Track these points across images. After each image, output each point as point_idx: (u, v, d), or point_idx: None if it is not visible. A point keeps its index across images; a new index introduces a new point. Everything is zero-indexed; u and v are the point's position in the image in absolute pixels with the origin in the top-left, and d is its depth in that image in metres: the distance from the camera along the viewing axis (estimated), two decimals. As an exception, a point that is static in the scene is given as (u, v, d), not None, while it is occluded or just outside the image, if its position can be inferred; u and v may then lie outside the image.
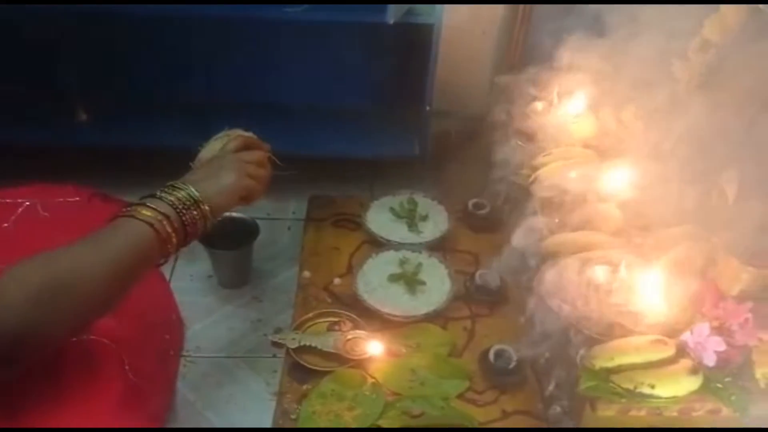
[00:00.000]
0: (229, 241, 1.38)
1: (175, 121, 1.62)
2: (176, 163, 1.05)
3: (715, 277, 1.08)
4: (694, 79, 1.41)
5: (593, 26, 1.57)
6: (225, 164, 1.02)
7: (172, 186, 0.93)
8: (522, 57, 1.67)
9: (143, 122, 1.65)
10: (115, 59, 1.66)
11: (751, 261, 1.04)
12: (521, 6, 1.62)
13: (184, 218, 0.90)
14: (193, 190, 0.93)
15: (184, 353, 1.30)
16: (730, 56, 1.35)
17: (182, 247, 0.93)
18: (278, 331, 1.32)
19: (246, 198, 1.04)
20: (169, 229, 0.88)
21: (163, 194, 0.91)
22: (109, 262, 0.81)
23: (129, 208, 0.88)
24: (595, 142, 1.41)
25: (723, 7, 1.37)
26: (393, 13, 1.38)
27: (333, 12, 1.41)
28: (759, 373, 0.98)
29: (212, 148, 1.11)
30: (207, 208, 0.94)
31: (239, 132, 1.11)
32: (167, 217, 0.88)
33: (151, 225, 0.86)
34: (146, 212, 0.87)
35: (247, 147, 1.09)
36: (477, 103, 1.80)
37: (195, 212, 0.92)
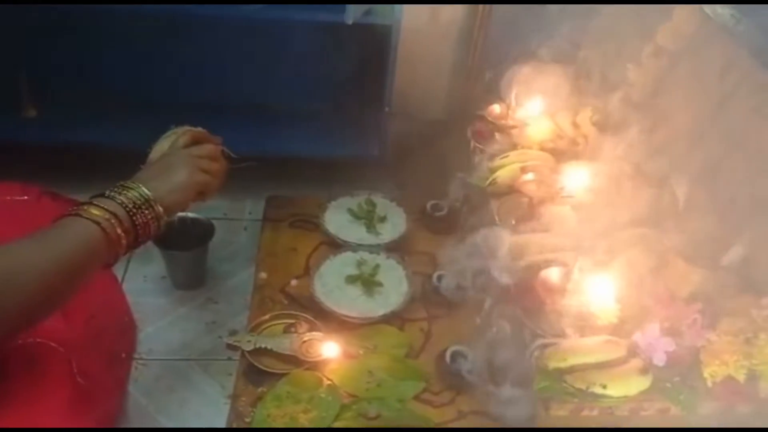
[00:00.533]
0: (184, 241, 1.35)
1: (127, 119, 1.59)
2: (128, 161, 1.02)
3: (665, 279, 1.10)
4: (647, 84, 1.44)
5: (552, 29, 1.60)
6: (176, 161, 0.99)
7: (123, 185, 0.91)
8: (481, 60, 1.68)
9: (95, 119, 1.61)
10: (66, 54, 1.62)
11: (700, 263, 1.07)
12: (480, 8, 1.63)
13: (135, 219, 0.88)
14: (144, 189, 0.91)
15: (136, 356, 1.28)
16: (682, 62, 1.39)
17: (134, 249, 0.91)
18: (233, 333, 1.30)
19: (202, 194, 1.02)
20: (119, 230, 0.86)
21: (113, 193, 0.89)
22: (54, 261, 0.79)
23: (77, 208, 0.86)
24: (552, 145, 1.43)
25: (675, 14, 1.40)
26: (351, 14, 1.37)
27: (291, 11, 1.40)
28: (706, 372, 1.00)
29: (161, 147, 1.08)
30: (160, 207, 0.92)
31: (187, 128, 1.09)
32: (116, 216, 0.86)
33: (99, 225, 0.84)
34: (95, 212, 0.85)
35: (197, 141, 1.06)
36: (436, 105, 1.81)
37: (147, 212, 0.90)
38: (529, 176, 1.28)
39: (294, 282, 1.35)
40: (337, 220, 1.45)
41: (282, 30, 1.58)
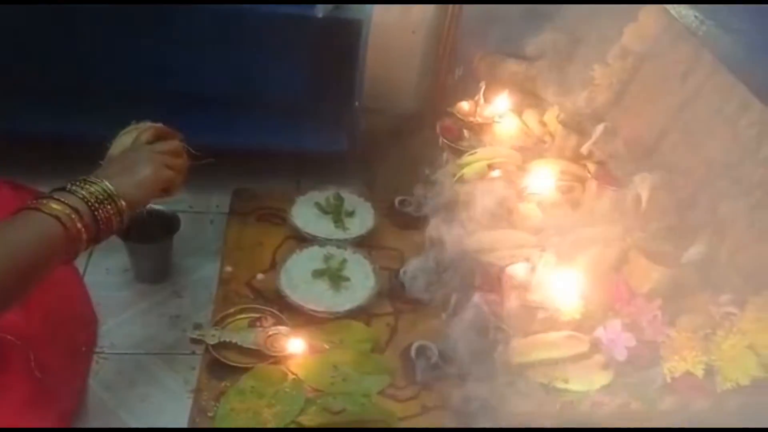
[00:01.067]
0: (149, 233, 1.33)
1: (89, 109, 1.54)
2: (90, 152, 1.00)
3: (627, 276, 1.12)
4: (613, 85, 1.47)
5: (521, 29, 1.61)
6: (140, 157, 0.97)
7: (85, 180, 0.89)
8: (451, 56, 1.69)
9: (55, 109, 1.57)
10: (25, 42, 1.58)
11: (660, 261, 1.09)
12: (451, 6, 1.63)
13: (96, 214, 0.86)
14: (107, 184, 0.89)
15: (98, 350, 1.26)
16: (647, 63, 1.41)
17: (95, 244, 0.89)
18: (197, 327, 1.29)
19: (166, 190, 1.01)
20: (79, 225, 0.84)
21: (74, 188, 0.86)
22: (10, 256, 0.77)
23: (36, 201, 0.83)
24: (519, 143, 1.44)
25: (641, 15, 1.43)
26: (322, 7, 1.37)
27: (262, 4, 1.39)
28: (666, 367, 1.02)
29: (122, 142, 1.06)
30: (123, 203, 0.90)
31: (148, 123, 1.07)
32: (77, 211, 0.84)
33: (59, 219, 0.82)
34: (55, 206, 0.83)
35: (159, 138, 1.04)
36: (406, 101, 1.82)
37: (109, 207, 0.88)
38: (496, 173, 1.29)
39: (260, 276, 1.33)
40: (304, 214, 1.44)
41: (253, 22, 1.56)
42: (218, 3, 1.38)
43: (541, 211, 1.25)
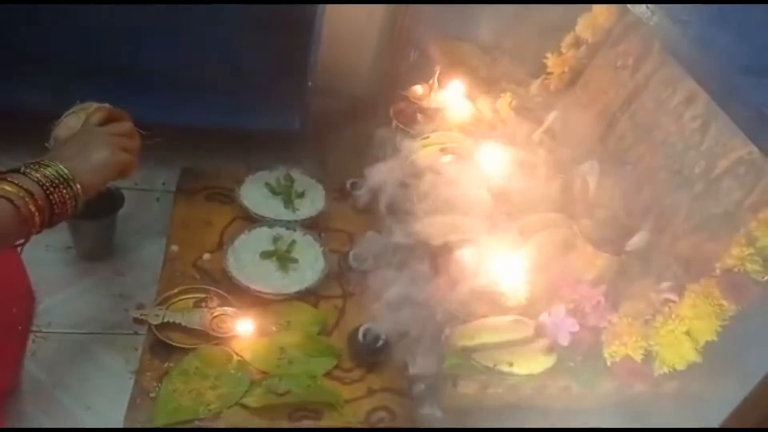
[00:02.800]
0: (92, 210, 1.28)
1: (32, 82, 1.48)
2: (31, 126, 0.97)
3: (573, 262, 1.14)
4: (565, 74, 1.49)
5: (477, 15, 1.62)
6: (94, 140, 0.95)
7: (39, 162, 0.87)
8: (406, 41, 1.68)
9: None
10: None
11: (605, 248, 1.11)
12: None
13: (51, 197, 0.85)
14: (62, 167, 0.87)
15: (35, 329, 1.22)
16: (599, 53, 1.43)
17: (48, 227, 0.87)
18: (141, 307, 1.25)
19: (122, 172, 0.98)
20: (32, 208, 0.82)
21: (28, 170, 0.84)
22: None
23: None
24: (471, 128, 1.44)
25: (595, 7, 1.44)
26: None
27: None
28: (606, 352, 1.04)
29: (69, 124, 1.04)
30: (78, 187, 0.88)
31: (95, 105, 1.04)
32: (31, 194, 0.82)
33: (12, 201, 0.80)
34: (7, 188, 0.81)
35: (110, 119, 1.02)
36: (360, 84, 1.80)
37: (65, 191, 0.86)
38: (448, 158, 1.29)
39: (206, 256, 1.31)
40: (253, 194, 1.41)
41: (205, -1, 1.52)
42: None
43: (491, 197, 1.26)
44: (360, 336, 1.18)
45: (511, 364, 0.99)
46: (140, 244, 1.43)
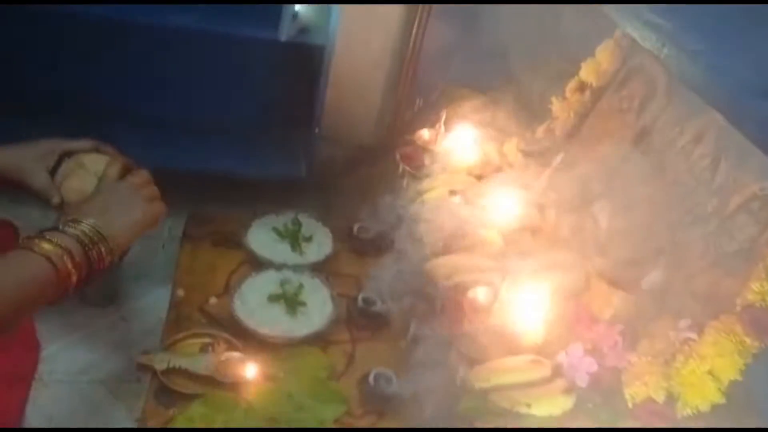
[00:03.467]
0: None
1: (45, 124, 1.48)
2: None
3: (588, 302, 1.12)
4: (571, 118, 1.49)
5: (482, 61, 1.64)
6: (121, 196, 0.95)
7: (75, 219, 0.87)
8: (412, 86, 1.70)
9: (8, 124, 1.51)
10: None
11: (621, 286, 1.09)
12: (412, 39, 1.65)
13: (90, 254, 0.85)
14: (98, 224, 0.87)
15: (37, 376, 1.18)
16: (604, 96, 1.44)
17: (85, 283, 0.86)
18: (145, 353, 1.22)
19: (154, 222, 0.98)
20: (70, 266, 0.82)
21: (66, 227, 0.85)
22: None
23: (29, 241, 0.82)
24: (479, 171, 1.44)
25: (598, 52, 1.46)
26: (285, 31, 1.36)
27: (223, 24, 1.37)
28: (627, 393, 1.01)
29: (74, 187, 1.02)
30: (114, 243, 0.88)
31: (83, 156, 1.04)
32: (69, 252, 0.82)
33: (50, 260, 0.80)
34: (46, 246, 0.81)
35: (126, 171, 1.02)
36: (366, 132, 1.81)
37: (102, 247, 0.86)
38: (457, 199, 1.29)
39: (213, 300, 1.29)
40: (261, 238, 1.40)
41: (215, 44, 1.53)
42: (182, 21, 1.34)
43: (502, 237, 1.24)
44: (371, 381, 1.15)
45: (529, 406, 0.96)
46: (145, 291, 1.41)
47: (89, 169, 1.02)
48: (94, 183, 1.00)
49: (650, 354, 1.03)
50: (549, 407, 0.97)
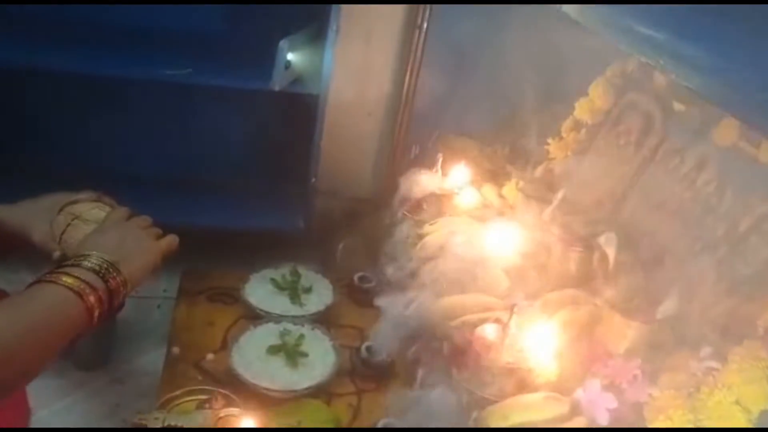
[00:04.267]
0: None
1: (38, 187, 1.47)
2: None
3: (601, 336, 1.07)
4: (569, 157, 1.48)
5: (475, 108, 1.64)
6: (131, 232, 0.95)
7: (83, 255, 0.85)
8: (406, 137, 1.69)
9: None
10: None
11: (634, 317, 1.05)
12: (405, 87, 1.65)
13: (109, 284, 0.83)
14: (106, 256, 0.86)
15: (24, 444, 1.12)
16: (600, 133, 1.44)
17: (105, 318, 0.84)
18: (140, 413, 1.16)
19: (166, 256, 0.98)
20: (92, 298, 0.81)
21: (80, 262, 0.84)
22: (29, 328, 0.74)
23: (47, 275, 0.80)
24: (479, 214, 1.42)
25: (591, 91, 1.47)
26: (278, 81, 1.36)
27: (216, 76, 1.37)
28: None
29: (82, 230, 1.00)
30: (128, 273, 0.86)
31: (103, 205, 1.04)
32: (89, 283, 0.81)
33: (75, 291, 0.79)
34: (66, 279, 0.80)
35: (130, 216, 1.02)
36: (363, 181, 1.80)
37: (119, 278, 0.85)
38: (460, 239, 1.26)
39: (210, 356, 1.23)
40: (259, 291, 1.35)
41: (207, 97, 1.54)
42: (172, 76, 1.34)
43: (508, 277, 1.20)
44: (379, 432, 1.09)
45: (550, 445, 0.90)
46: (140, 352, 1.35)
47: (87, 219, 1.00)
48: None
49: (672, 387, 0.98)
50: (570, 446, 0.91)
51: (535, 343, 1.03)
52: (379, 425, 1.09)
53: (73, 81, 1.44)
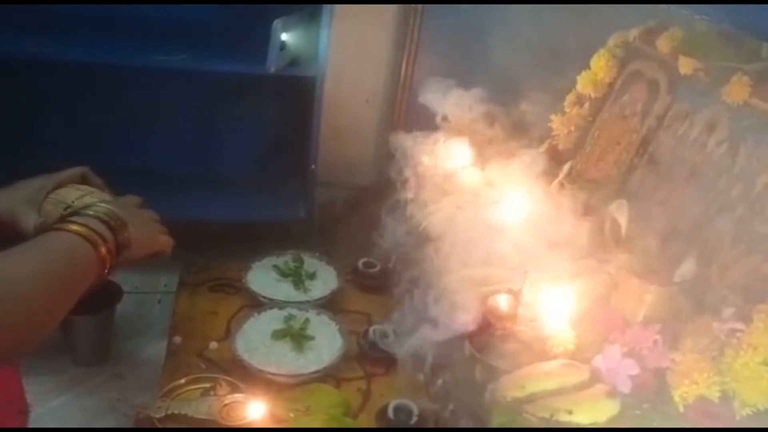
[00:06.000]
0: (86, 306, 1.18)
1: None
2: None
3: (618, 303, 1.03)
4: (572, 133, 1.45)
5: (474, 92, 1.60)
6: (138, 211, 1.00)
7: (89, 205, 0.89)
8: (406, 122, 1.66)
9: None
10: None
11: (652, 279, 1.01)
12: (402, 72, 1.63)
13: (118, 237, 0.86)
14: (116, 210, 0.89)
15: (22, 442, 1.07)
16: (605, 106, 1.40)
17: (114, 269, 0.88)
18: (141, 406, 1.12)
19: (157, 254, 1.03)
20: (103, 249, 0.83)
21: (87, 210, 0.87)
22: (47, 274, 0.75)
23: (56, 224, 0.84)
24: (483, 192, 1.38)
25: (593, 63, 1.43)
26: (273, 62, 1.33)
27: (211, 61, 1.34)
28: (677, 395, 0.90)
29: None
30: (131, 239, 0.89)
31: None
32: (98, 232, 0.84)
33: (85, 237, 0.81)
34: (75, 227, 0.82)
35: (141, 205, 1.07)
36: (362, 172, 1.77)
37: (126, 233, 0.89)
38: (466, 214, 1.22)
39: (213, 345, 1.20)
40: (262, 279, 1.32)
41: (202, 85, 1.50)
42: (166, 62, 1.31)
43: (517, 250, 1.16)
44: (390, 414, 1.05)
45: (570, 412, 0.85)
46: (141, 347, 1.31)
47: (79, 207, 0.97)
48: None
49: (695, 351, 0.93)
50: (592, 413, 0.87)
51: (550, 311, 0.99)
52: (390, 408, 1.05)
53: (66, 69, 1.41)
